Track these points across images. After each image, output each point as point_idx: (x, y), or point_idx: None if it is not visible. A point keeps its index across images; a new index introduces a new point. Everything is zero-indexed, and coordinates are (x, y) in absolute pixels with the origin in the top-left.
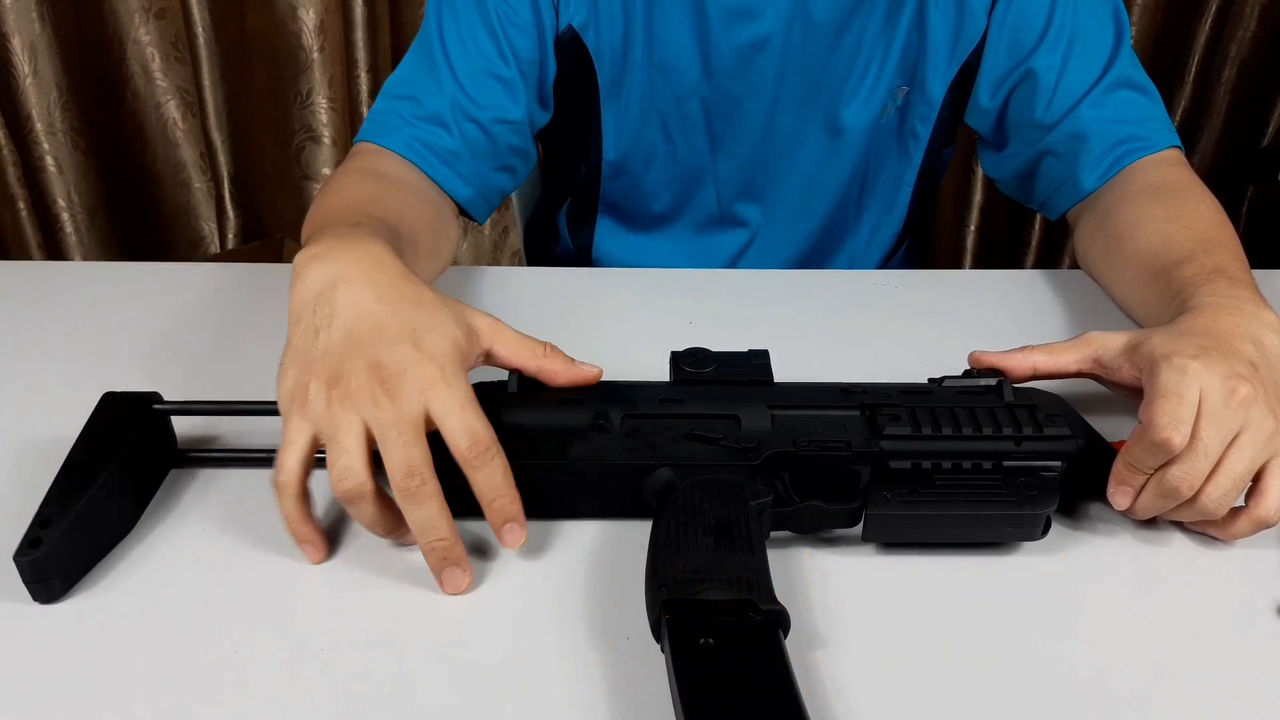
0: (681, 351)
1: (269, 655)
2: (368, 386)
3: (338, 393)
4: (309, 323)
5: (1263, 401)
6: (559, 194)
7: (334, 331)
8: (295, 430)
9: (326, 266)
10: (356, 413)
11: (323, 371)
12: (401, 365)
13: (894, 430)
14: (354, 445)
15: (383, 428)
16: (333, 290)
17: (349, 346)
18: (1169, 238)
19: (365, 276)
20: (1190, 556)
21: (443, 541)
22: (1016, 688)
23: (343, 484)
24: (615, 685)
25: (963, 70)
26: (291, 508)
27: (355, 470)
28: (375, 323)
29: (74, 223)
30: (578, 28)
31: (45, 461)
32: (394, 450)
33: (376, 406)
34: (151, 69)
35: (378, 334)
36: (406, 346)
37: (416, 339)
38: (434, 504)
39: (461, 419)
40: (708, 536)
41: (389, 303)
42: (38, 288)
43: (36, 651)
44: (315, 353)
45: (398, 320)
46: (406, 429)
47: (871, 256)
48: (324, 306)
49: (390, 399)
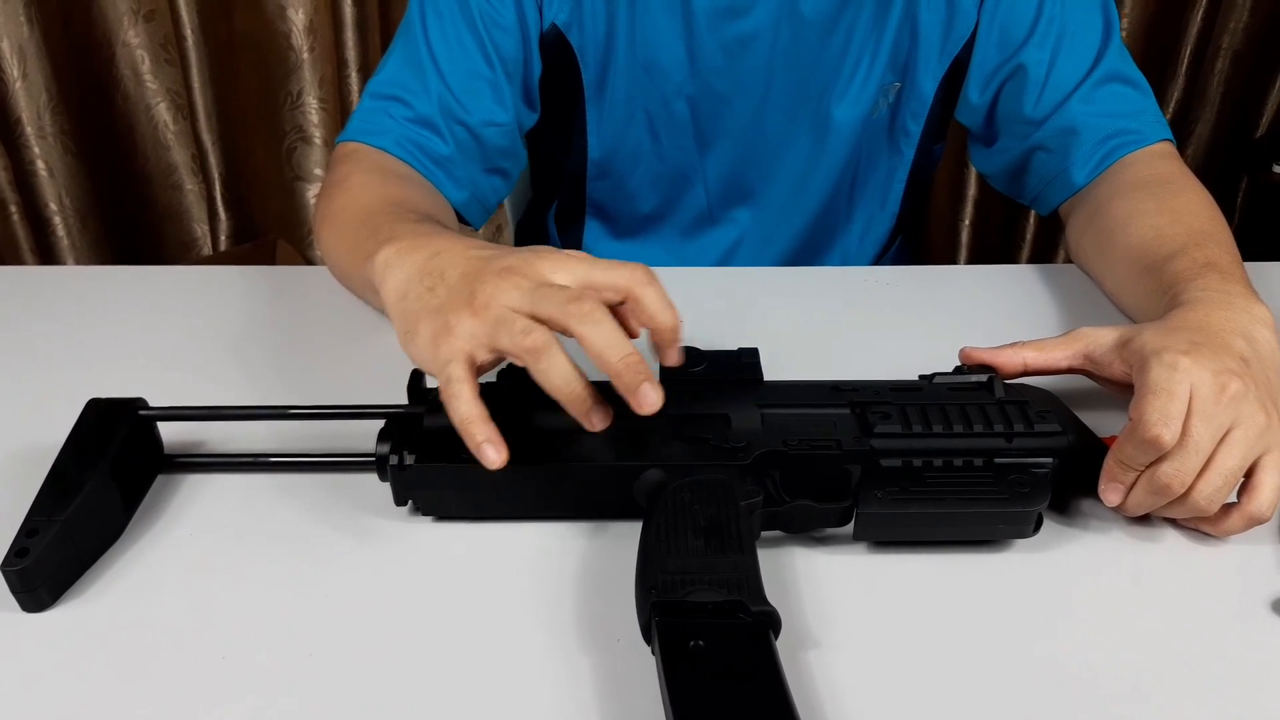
0: None
1: (258, 660)
2: (507, 283)
3: (480, 301)
4: (418, 289)
5: (1254, 397)
6: (547, 195)
7: (449, 280)
8: (449, 348)
9: (419, 251)
10: (502, 301)
11: (459, 302)
12: (526, 259)
13: (884, 428)
14: (516, 315)
15: (533, 297)
16: (434, 260)
17: (470, 280)
18: (1160, 232)
19: (460, 244)
20: (1183, 553)
21: (631, 356)
22: (1009, 686)
23: (530, 338)
24: (605, 687)
25: (953, 66)
26: (467, 407)
27: (535, 325)
28: (486, 256)
29: (66, 226)
30: (561, 26)
31: (32, 470)
32: (549, 297)
33: (518, 289)
34: (141, 71)
35: (494, 257)
36: (525, 251)
37: (531, 249)
38: (609, 321)
39: (598, 270)
40: (698, 538)
41: (490, 248)
42: (23, 294)
43: (25, 661)
44: (439, 300)
45: (504, 250)
46: (548, 284)
47: (864, 253)
48: (431, 273)
49: (530, 280)
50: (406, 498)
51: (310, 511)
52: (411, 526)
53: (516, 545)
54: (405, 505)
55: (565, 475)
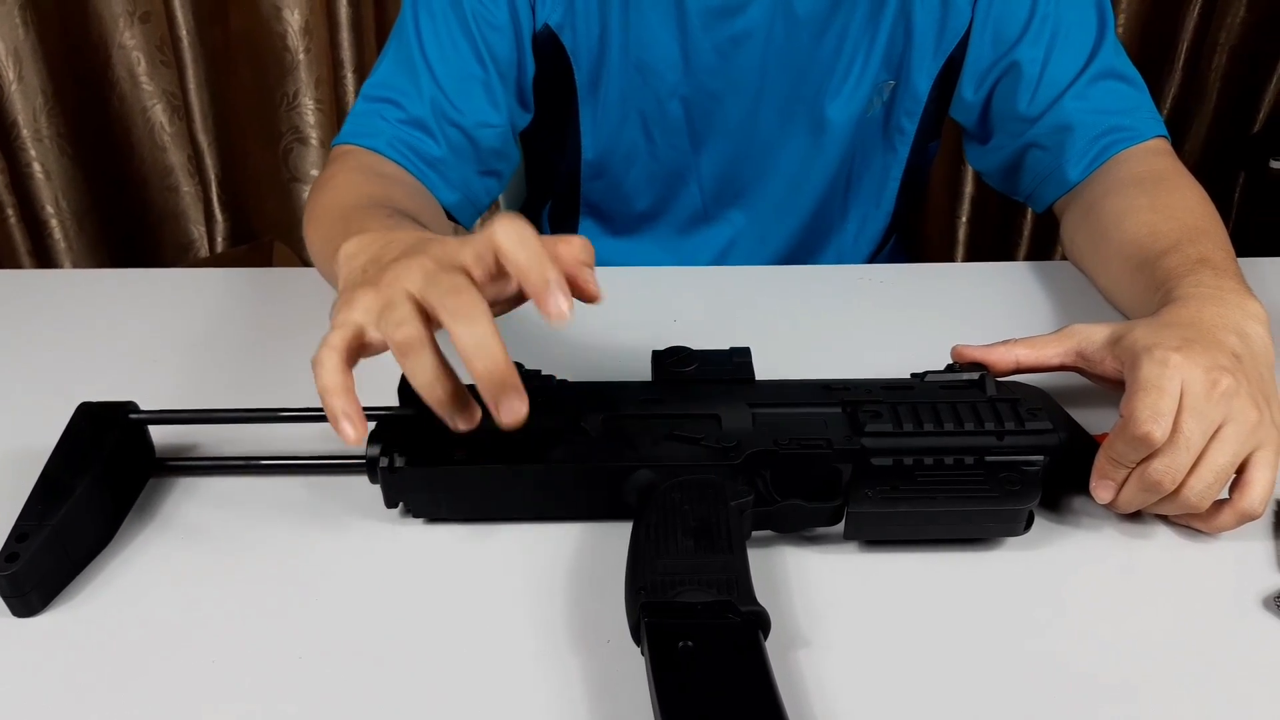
0: (663, 350)
1: (250, 664)
2: (413, 262)
3: (384, 280)
4: (358, 268)
5: (1245, 393)
6: (541, 195)
7: (384, 262)
8: (336, 321)
9: (378, 242)
10: (402, 287)
11: (369, 279)
12: (444, 241)
13: (875, 427)
14: (403, 301)
15: (425, 281)
16: (385, 248)
17: (390, 256)
18: (1154, 228)
19: (417, 233)
20: (1174, 550)
21: (499, 364)
22: (1001, 684)
23: (401, 330)
24: (595, 688)
25: (948, 63)
26: (332, 378)
27: (412, 319)
28: (421, 238)
29: (63, 229)
30: (554, 27)
31: (22, 474)
32: (435, 284)
33: (420, 270)
34: (137, 73)
35: (422, 240)
36: (452, 240)
37: (462, 237)
38: (486, 320)
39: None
40: (688, 538)
41: (438, 237)
42: (18, 297)
43: (15, 666)
44: (363, 277)
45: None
46: (448, 267)
47: (859, 252)
48: (375, 261)
49: (433, 258)
50: (397, 500)
51: (301, 514)
52: (402, 529)
53: (507, 547)
54: (396, 507)
55: (556, 476)
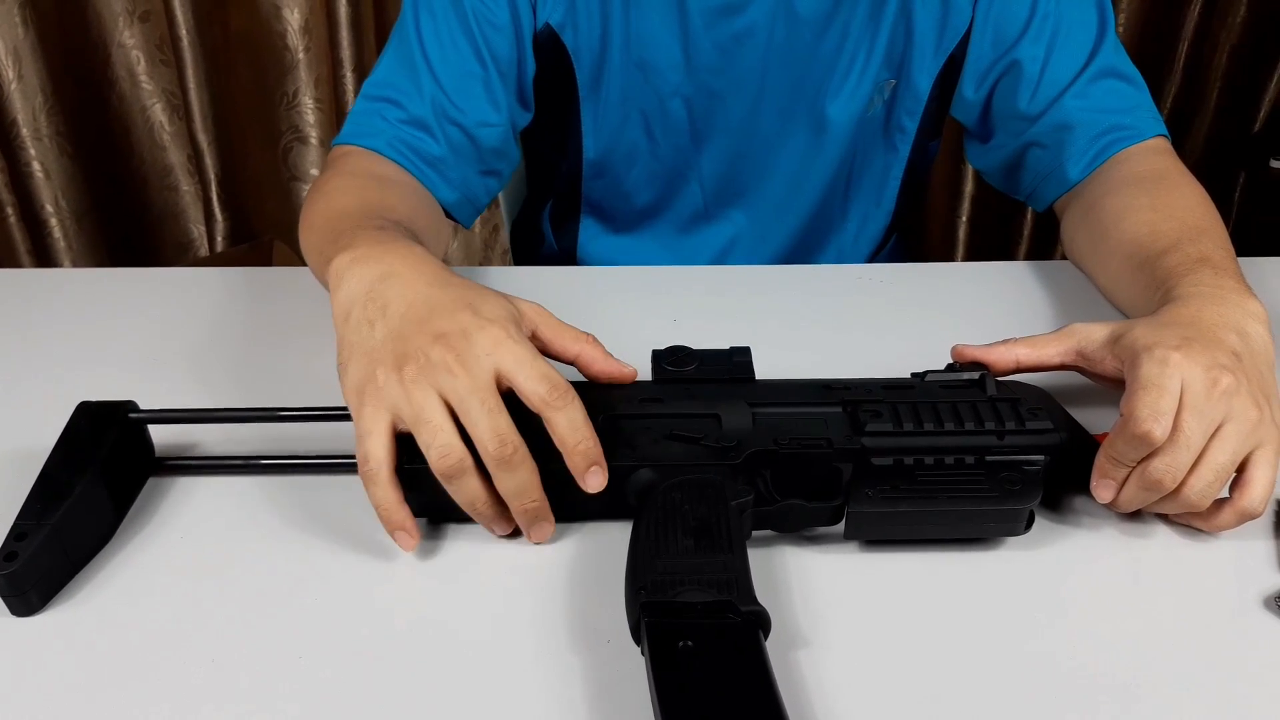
0: (662, 350)
1: (249, 664)
2: (438, 357)
3: (410, 370)
4: (360, 316)
5: (1245, 392)
6: (542, 194)
7: (390, 318)
8: (371, 419)
9: (371, 265)
10: (433, 387)
11: (388, 356)
12: (466, 330)
13: (875, 427)
14: (444, 421)
15: (462, 398)
16: (383, 284)
17: (408, 327)
18: (1154, 227)
19: (413, 270)
20: (1175, 550)
21: (534, 503)
22: (1001, 684)
23: (445, 461)
24: (595, 688)
25: (949, 62)
26: (384, 494)
27: (454, 445)
28: (430, 302)
29: (62, 228)
30: (555, 26)
31: (21, 473)
32: (479, 419)
33: (451, 375)
34: (137, 72)
35: (435, 310)
36: (467, 314)
37: (475, 308)
38: (526, 468)
39: (534, 367)
40: (688, 538)
41: (440, 286)
42: (18, 296)
43: (14, 665)
44: (375, 342)
45: (452, 296)
46: (486, 396)
47: (859, 251)
48: (375, 300)
49: (463, 365)
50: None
51: (302, 514)
52: None
53: (507, 547)
54: None
55: (556, 476)
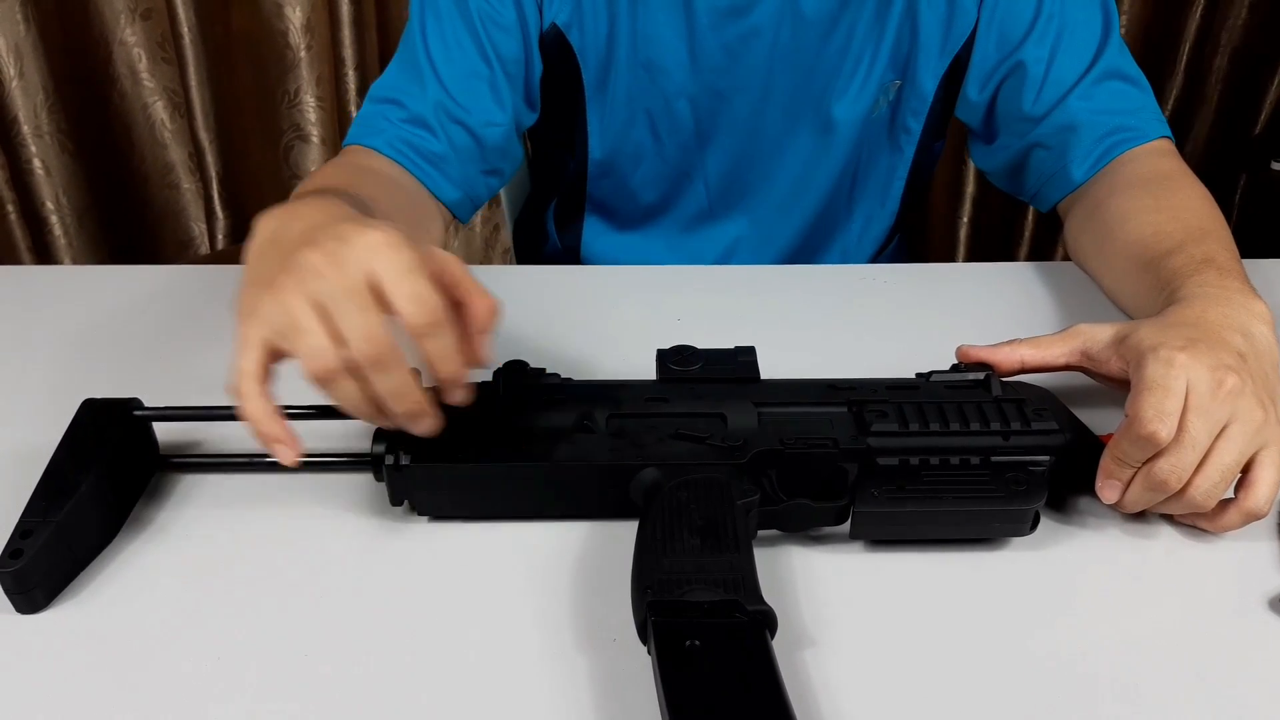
0: (668, 349)
1: (253, 661)
2: (309, 261)
3: (282, 278)
4: (257, 252)
5: (1250, 393)
6: (547, 193)
7: (280, 250)
8: (248, 333)
9: (280, 217)
10: (304, 294)
11: (270, 277)
12: (343, 234)
13: (881, 427)
14: (313, 324)
15: (333, 298)
16: (286, 224)
17: (290, 249)
18: (1158, 228)
19: (318, 207)
20: (1180, 550)
21: (415, 404)
22: (1006, 683)
23: (315, 363)
24: (601, 687)
25: (954, 63)
26: (254, 405)
27: (324, 348)
28: (322, 221)
29: (63, 225)
30: (561, 26)
31: (26, 470)
32: (349, 319)
33: (320, 277)
34: (138, 70)
35: (319, 226)
36: (350, 223)
37: (361, 220)
38: (402, 369)
39: (411, 282)
40: (694, 537)
41: (337, 215)
42: (19, 293)
43: (20, 663)
44: (263, 268)
45: (339, 215)
46: (356, 294)
47: (863, 251)
48: (279, 237)
49: (333, 265)
50: (402, 498)
51: (306, 512)
52: (407, 527)
53: (512, 545)
54: (401, 505)
55: (561, 475)
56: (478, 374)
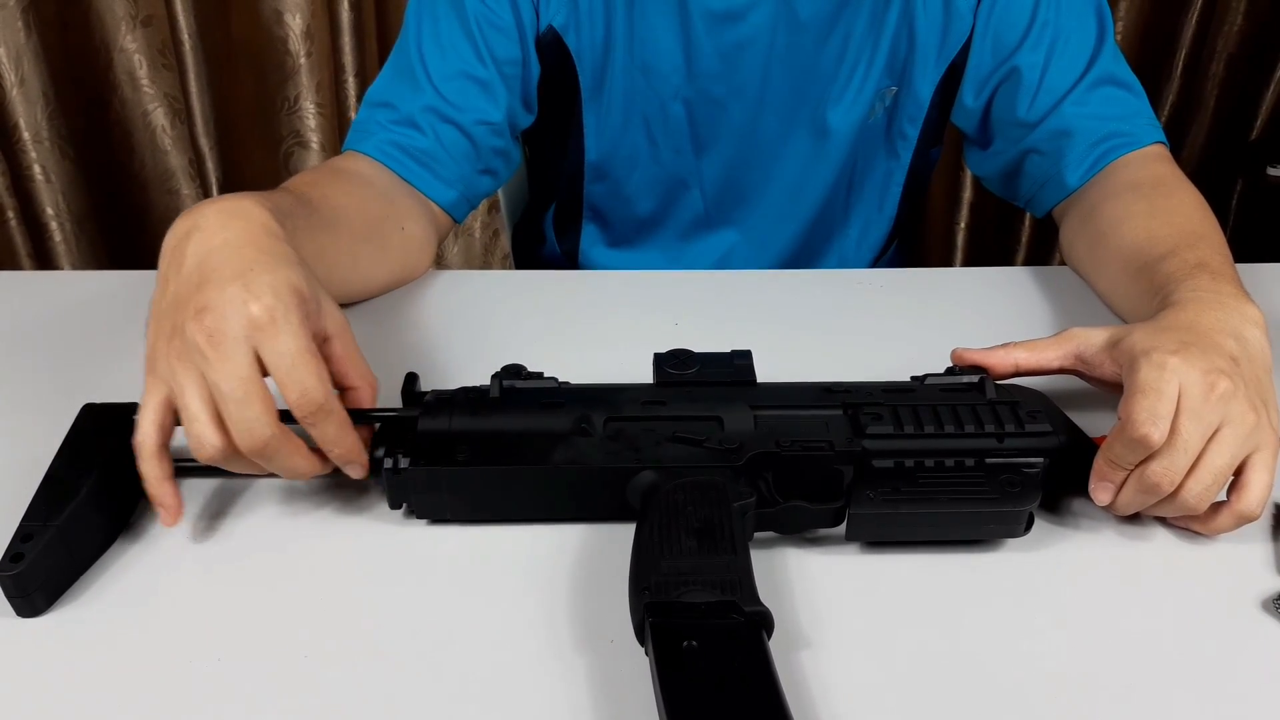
0: (664, 353)
1: (253, 664)
2: (196, 339)
3: (174, 347)
4: (162, 274)
5: (1243, 396)
6: (544, 197)
7: (180, 280)
8: (149, 391)
9: (186, 221)
10: (193, 372)
11: (167, 324)
12: (224, 310)
13: (876, 429)
14: (199, 409)
15: (216, 388)
16: (186, 240)
17: (184, 291)
18: (1152, 233)
19: (220, 224)
20: (1173, 552)
21: (311, 470)
22: (1001, 684)
23: (202, 453)
24: (599, 688)
25: (950, 70)
26: (148, 468)
27: (208, 436)
28: (214, 264)
29: (63, 231)
30: (558, 28)
31: (26, 475)
32: (232, 414)
33: (207, 362)
34: (138, 76)
35: (212, 276)
36: (235, 287)
37: (248, 279)
38: (294, 446)
39: (290, 373)
40: (691, 539)
41: (234, 246)
42: (19, 298)
43: (20, 667)
44: (164, 305)
45: (236, 260)
46: (237, 387)
47: (861, 257)
48: (176, 257)
49: (217, 352)
50: (401, 501)
51: (305, 515)
52: (406, 529)
53: (511, 547)
54: (400, 508)
55: (559, 478)
56: (477, 376)
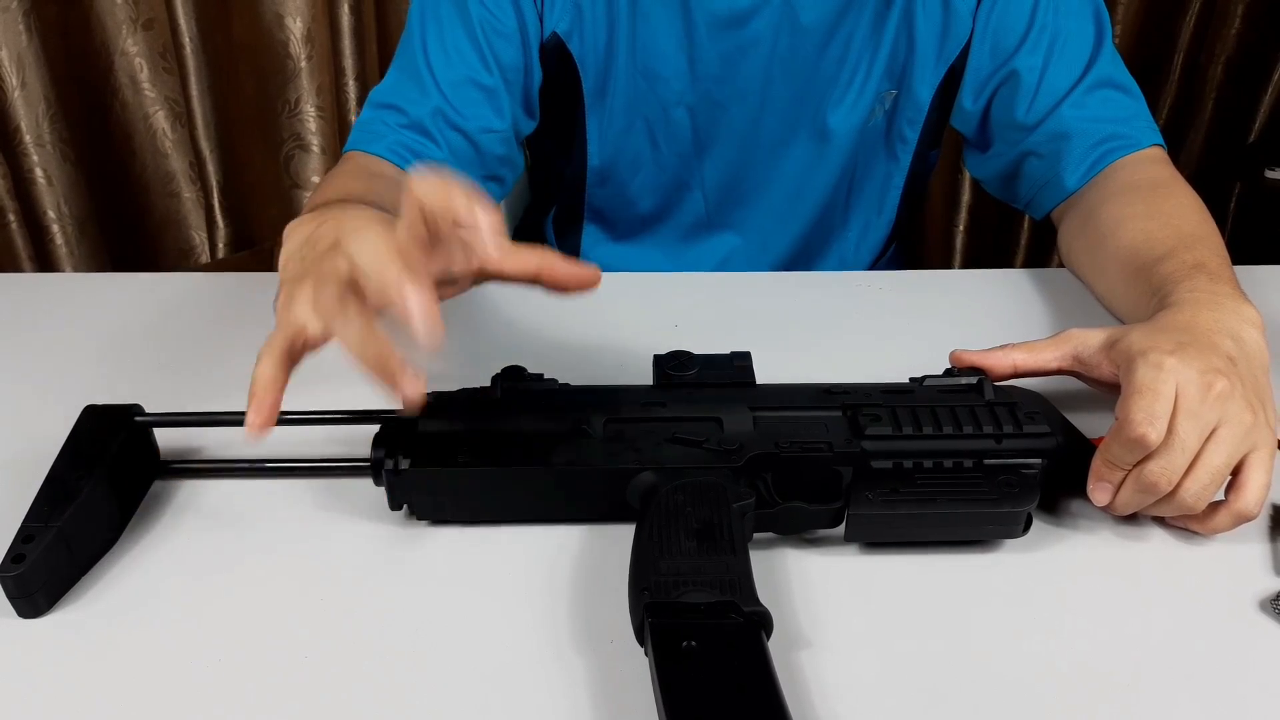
0: (664, 354)
1: (255, 665)
2: (325, 245)
3: (307, 279)
4: (296, 261)
5: (1240, 395)
6: (546, 200)
7: (319, 248)
8: (279, 321)
9: (313, 221)
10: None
11: (298, 273)
12: (341, 231)
13: (875, 430)
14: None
15: (349, 249)
16: (319, 229)
17: (317, 251)
18: (1150, 235)
19: (345, 213)
20: (1171, 552)
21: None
22: (999, 685)
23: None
24: (599, 688)
25: (949, 73)
26: (265, 365)
27: (341, 271)
28: (348, 223)
29: (64, 234)
30: (562, 34)
31: (28, 476)
32: (362, 255)
33: (338, 249)
34: (140, 79)
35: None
36: (345, 221)
37: (351, 218)
38: (360, 321)
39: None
40: (690, 539)
41: (363, 217)
42: (21, 300)
43: (21, 667)
44: (293, 269)
45: (362, 216)
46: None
47: (860, 259)
48: (310, 242)
49: (348, 238)
50: (402, 502)
51: (306, 516)
52: (406, 530)
53: (511, 548)
54: (400, 509)
55: (559, 479)
56: (478, 378)
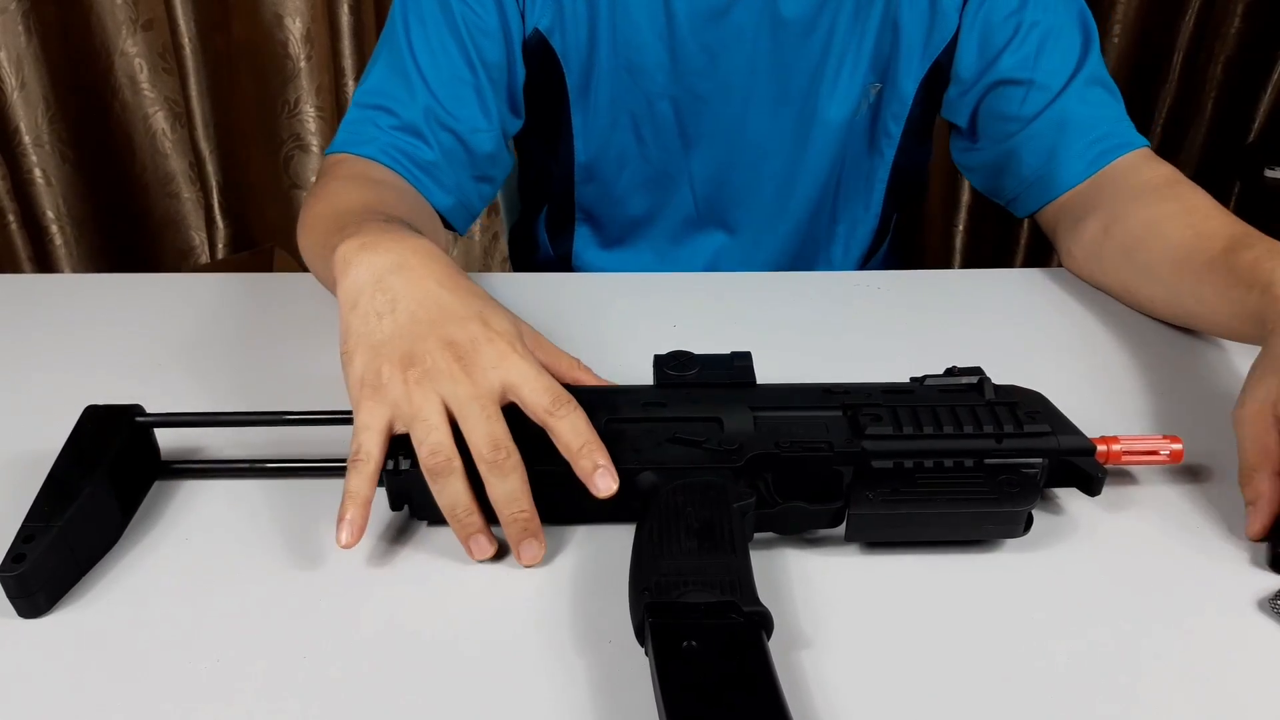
0: (664, 355)
1: (254, 665)
2: (444, 364)
3: (414, 372)
4: (368, 307)
5: None
6: (537, 201)
7: (399, 315)
8: (370, 414)
9: (380, 255)
10: (435, 391)
11: (395, 354)
12: (475, 340)
13: (876, 430)
14: (439, 421)
15: (462, 403)
16: (392, 276)
17: (417, 328)
18: (1197, 229)
19: (424, 265)
20: (1171, 552)
21: (524, 513)
22: (1000, 684)
23: (435, 458)
24: (599, 688)
25: (934, 68)
26: (360, 485)
27: (445, 445)
28: (441, 305)
29: (63, 235)
30: (544, 31)
31: (29, 476)
32: (476, 424)
33: (455, 382)
34: (139, 80)
35: (446, 314)
36: (476, 324)
37: (484, 319)
38: (517, 476)
39: (539, 380)
40: (691, 539)
41: (450, 289)
42: (20, 301)
43: (21, 667)
44: (381, 336)
45: (462, 302)
46: (487, 403)
47: (850, 256)
48: (383, 292)
49: (468, 374)
50: (402, 502)
51: (306, 516)
52: (407, 531)
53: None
54: (401, 510)
55: (559, 479)
56: None
